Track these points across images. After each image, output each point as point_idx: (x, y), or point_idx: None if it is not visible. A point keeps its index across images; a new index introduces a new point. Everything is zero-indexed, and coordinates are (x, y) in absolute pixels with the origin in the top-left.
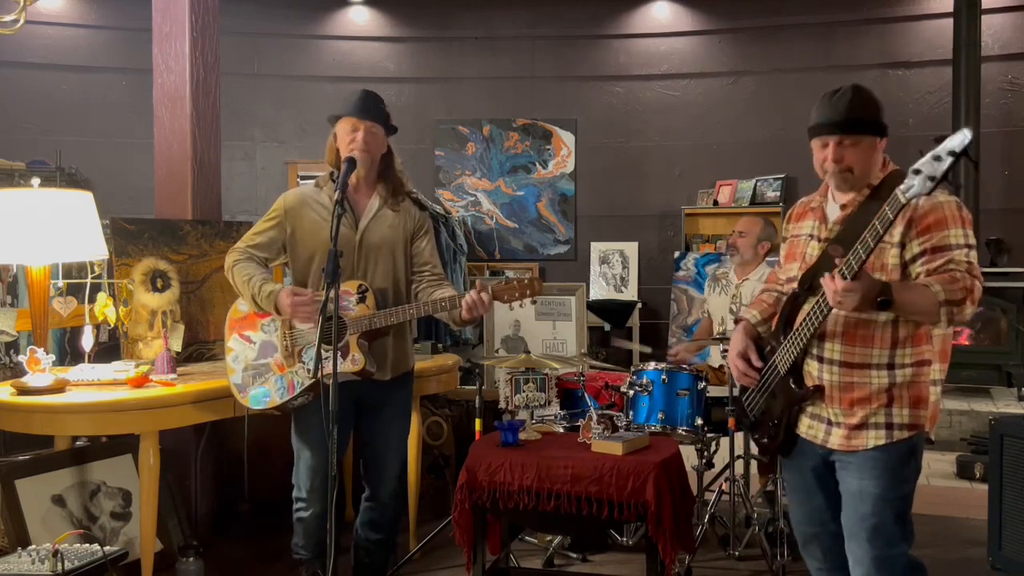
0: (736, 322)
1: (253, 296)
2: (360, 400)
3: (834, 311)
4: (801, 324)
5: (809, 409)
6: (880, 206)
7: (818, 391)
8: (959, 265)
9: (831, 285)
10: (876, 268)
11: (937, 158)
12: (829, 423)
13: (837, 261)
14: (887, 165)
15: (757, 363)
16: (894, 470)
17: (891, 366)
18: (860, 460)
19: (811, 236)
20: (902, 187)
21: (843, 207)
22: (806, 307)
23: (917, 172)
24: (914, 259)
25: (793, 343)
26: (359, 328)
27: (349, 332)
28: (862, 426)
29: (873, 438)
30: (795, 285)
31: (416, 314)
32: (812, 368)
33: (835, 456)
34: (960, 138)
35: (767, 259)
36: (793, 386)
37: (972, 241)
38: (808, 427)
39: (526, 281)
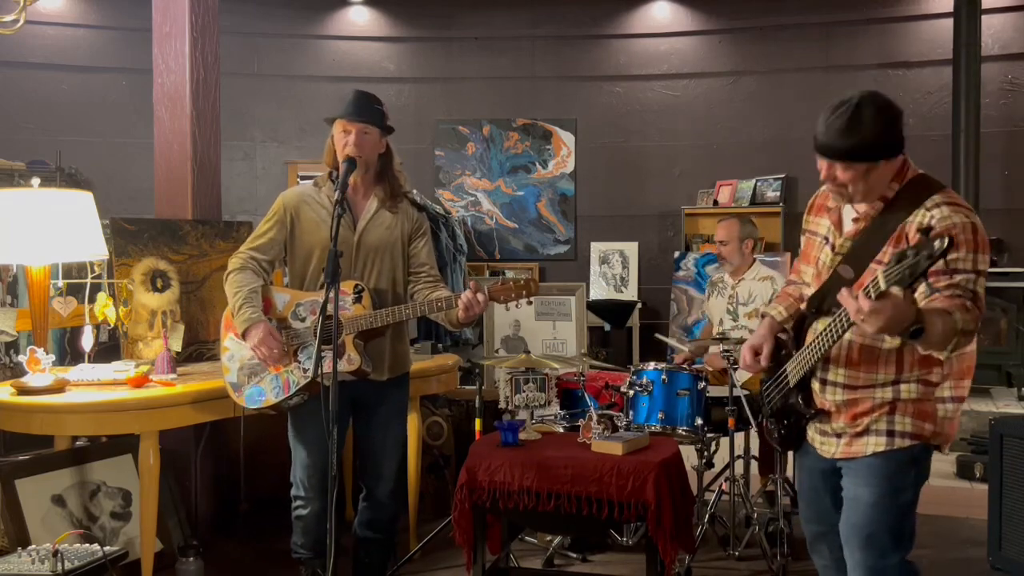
0: (762, 316)
1: (232, 312)
2: (356, 400)
3: (844, 337)
4: (811, 345)
5: (818, 425)
6: (894, 224)
7: (822, 413)
8: (964, 293)
9: (853, 304)
10: None
11: (918, 258)
12: (837, 436)
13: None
14: (905, 173)
15: (764, 363)
16: (891, 478)
17: (896, 382)
18: (859, 467)
19: (826, 240)
20: (884, 272)
21: (855, 220)
22: (817, 326)
23: (902, 259)
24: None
25: (802, 361)
26: (355, 328)
27: (345, 332)
28: (864, 432)
29: (873, 444)
30: (804, 305)
31: (412, 314)
32: (815, 388)
33: (839, 463)
34: (938, 244)
35: (756, 256)
36: (801, 402)
37: (983, 267)
38: (820, 443)
39: (522, 281)
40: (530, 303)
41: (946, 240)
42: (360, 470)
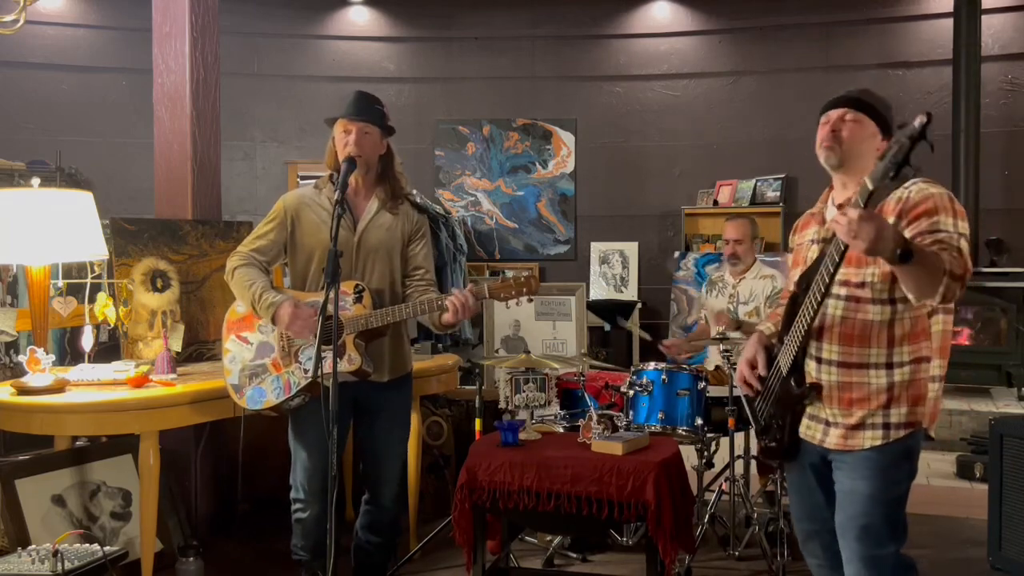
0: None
1: (253, 303)
2: (358, 402)
3: (829, 311)
4: (800, 314)
5: (808, 410)
6: (874, 206)
7: (815, 389)
8: (950, 247)
9: (844, 220)
10: (870, 261)
11: (898, 143)
12: (827, 423)
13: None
14: None
15: (762, 371)
16: (887, 471)
17: (889, 365)
18: (855, 460)
19: (813, 241)
20: (869, 175)
21: (839, 206)
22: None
23: (884, 156)
24: None
25: (791, 341)
26: (355, 328)
27: (346, 332)
28: (859, 426)
29: (870, 439)
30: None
31: (411, 314)
32: (811, 368)
33: (832, 455)
34: (917, 122)
35: (758, 256)
36: (793, 385)
37: (964, 231)
38: (806, 427)
39: (522, 279)
40: (530, 301)
41: (925, 116)
42: (362, 474)
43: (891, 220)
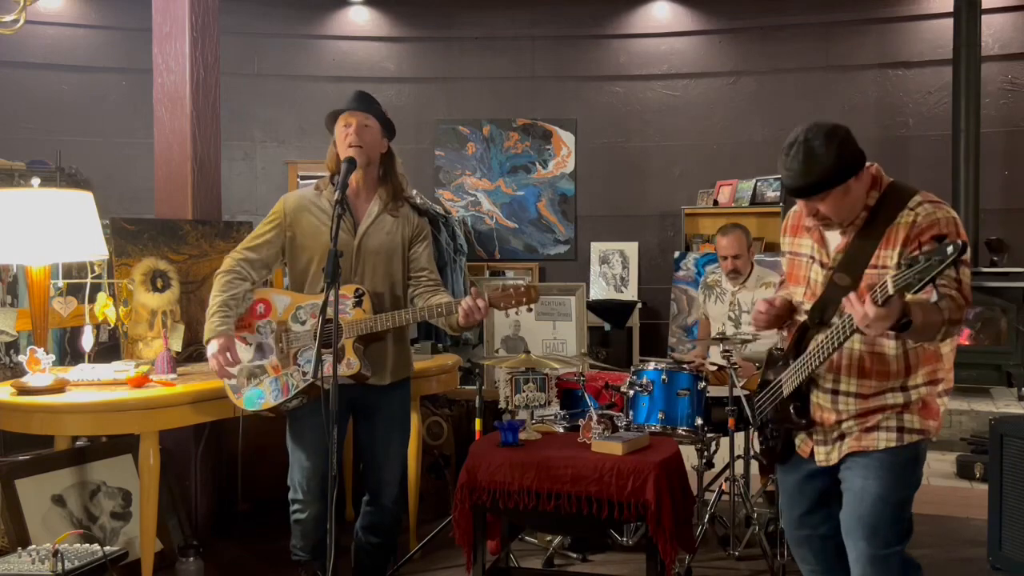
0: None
1: (207, 318)
2: (358, 404)
3: (847, 346)
4: (811, 353)
5: (818, 438)
6: (882, 227)
7: (811, 425)
8: (950, 283)
9: (860, 310)
10: (875, 278)
11: (930, 263)
12: (840, 438)
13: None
14: (881, 181)
15: (778, 306)
16: (897, 473)
17: (904, 388)
18: (867, 460)
19: (812, 259)
20: (893, 276)
21: (842, 232)
22: (819, 337)
23: (913, 264)
24: None
25: (800, 369)
26: (355, 332)
27: (345, 336)
28: (873, 428)
29: (884, 440)
30: (804, 318)
31: (413, 319)
32: (825, 401)
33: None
34: (949, 249)
35: (755, 260)
36: (792, 412)
37: (965, 256)
38: (821, 454)
39: (523, 288)
40: (530, 311)
41: (958, 244)
42: (362, 475)
43: (898, 247)
